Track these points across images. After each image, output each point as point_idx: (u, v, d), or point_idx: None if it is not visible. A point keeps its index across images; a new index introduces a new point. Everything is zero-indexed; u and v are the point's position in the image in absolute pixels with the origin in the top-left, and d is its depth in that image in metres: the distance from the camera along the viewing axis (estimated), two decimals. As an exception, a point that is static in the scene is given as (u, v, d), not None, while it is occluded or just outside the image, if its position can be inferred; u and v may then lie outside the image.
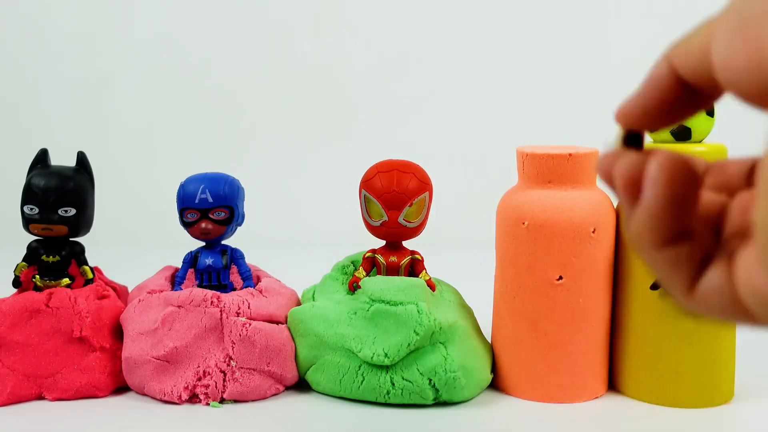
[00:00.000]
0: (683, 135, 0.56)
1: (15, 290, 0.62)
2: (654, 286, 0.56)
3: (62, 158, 0.64)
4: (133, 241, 1.22)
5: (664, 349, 0.56)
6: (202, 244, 0.63)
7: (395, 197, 0.59)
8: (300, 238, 1.24)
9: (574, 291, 0.56)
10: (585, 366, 0.57)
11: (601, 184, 0.57)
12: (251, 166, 1.28)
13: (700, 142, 0.57)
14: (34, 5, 1.35)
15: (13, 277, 0.61)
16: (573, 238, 0.55)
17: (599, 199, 0.57)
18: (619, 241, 0.58)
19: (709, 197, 0.31)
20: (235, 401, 0.57)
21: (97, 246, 0.67)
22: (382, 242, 0.62)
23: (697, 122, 0.56)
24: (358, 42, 1.33)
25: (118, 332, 0.60)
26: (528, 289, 0.57)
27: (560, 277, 0.56)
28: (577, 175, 0.56)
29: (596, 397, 0.58)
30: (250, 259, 0.65)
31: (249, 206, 0.65)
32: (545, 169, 0.56)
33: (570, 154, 0.56)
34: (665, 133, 0.57)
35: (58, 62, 1.35)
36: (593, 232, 0.56)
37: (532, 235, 0.56)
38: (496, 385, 0.60)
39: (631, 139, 0.31)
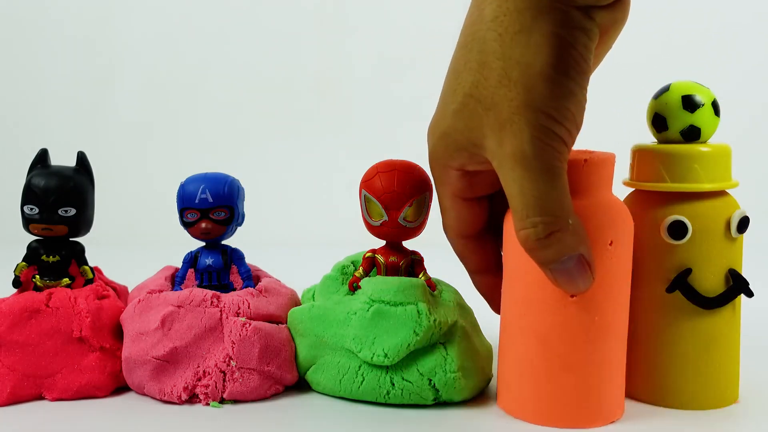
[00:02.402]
0: (693, 135, 0.56)
1: (15, 290, 0.62)
2: (670, 289, 0.55)
3: (62, 158, 0.64)
4: (133, 241, 1.22)
5: (668, 350, 0.56)
6: (202, 244, 0.63)
7: (395, 197, 0.59)
8: (300, 238, 1.24)
9: (590, 308, 0.51)
10: (601, 389, 0.53)
11: (617, 191, 0.55)
12: (251, 166, 1.28)
13: (705, 142, 0.57)
14: (35, 5, 1.35)
15: (13, 277, 0.61)
16: None
17: (617, 208, 0.53)
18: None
19: None
20: (235, 401, 0.57)
21: (97, 246, 0.67)
22: (382, 242, 0.62)
23: (705, 122, 0.56)
24: (359, 42, 1.33)
25: (117, 332, 0.60)
26: (539, 307, 0.52)
27: (573, 294, 0.51)
28: (592, 183, 0.52)
29: (612, 422, 0.54)
30: (250, 259, 0.65)
31: (249, 206, 0.65)
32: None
33: (585, 160, 0.51)
34: (675, 134, 0.56)
35: (58, 62, 1.35)
36: (610, 244, 0.51)
37: None
38: (504, 407, 0.56)
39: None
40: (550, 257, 0.46)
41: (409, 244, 0.62)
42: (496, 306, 0.58)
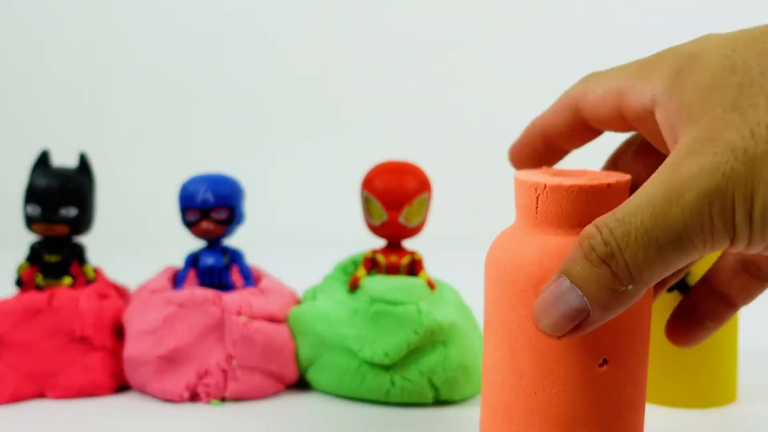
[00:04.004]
0: None
1: (17, 290, 0.62)
2: (672, 288, 0.55)
3: (63, 159, 0.64)
4: (134, 241, 1.22)
5: (666, 349, 0.56)
6: (203, 244, 0.63)
7: (395, 197, 0.59)
8: (301, 238, 1.24)
9: (621, 379, 0.39)
10: None
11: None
12: (252, 166, 1.28)
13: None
14: (36, 6, 1.35)
15: (15, 276, 0.61)
16: None
17: None
18: None
19: None
20: (236, 400, 0.58)
21: (98, 246, 0.67)
22: (383, 242, 0.62)
23: None
24: (358, 41, 1.33)
25: (119, 332, 0.61)
26: (560, 381, 0.39)
27: (604, 361, 0.38)
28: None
29: None
30: (250, 259, 0.65)
31: (249, 207, 0.66)
32: (576, 207, 0.38)
33: (609, 185, 0.38)
34: None
35: (59, 62, 1.35)
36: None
37: None
38: None
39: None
40: (573, 270, 0.35)
41: (409, 244, 0.63)
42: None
